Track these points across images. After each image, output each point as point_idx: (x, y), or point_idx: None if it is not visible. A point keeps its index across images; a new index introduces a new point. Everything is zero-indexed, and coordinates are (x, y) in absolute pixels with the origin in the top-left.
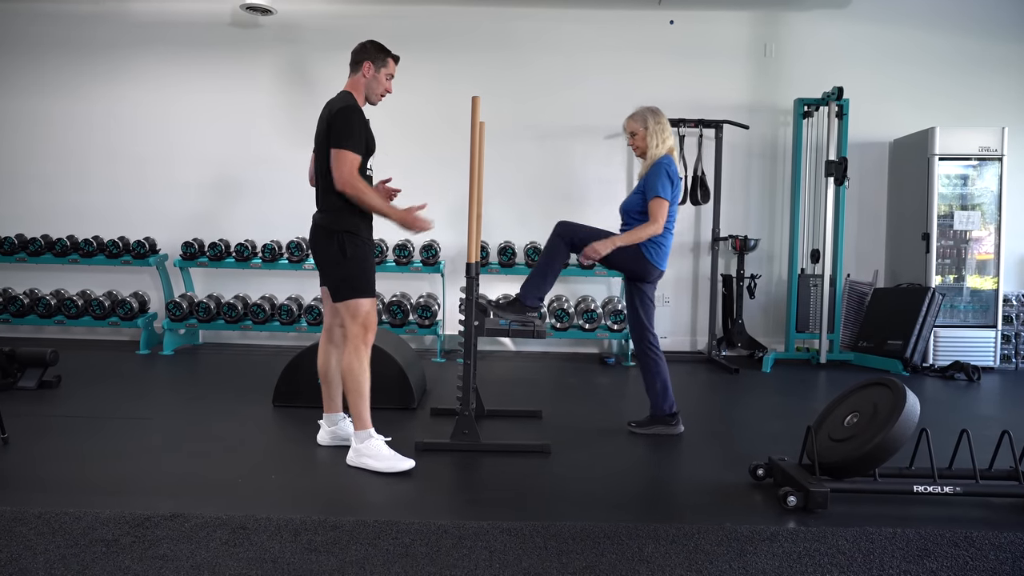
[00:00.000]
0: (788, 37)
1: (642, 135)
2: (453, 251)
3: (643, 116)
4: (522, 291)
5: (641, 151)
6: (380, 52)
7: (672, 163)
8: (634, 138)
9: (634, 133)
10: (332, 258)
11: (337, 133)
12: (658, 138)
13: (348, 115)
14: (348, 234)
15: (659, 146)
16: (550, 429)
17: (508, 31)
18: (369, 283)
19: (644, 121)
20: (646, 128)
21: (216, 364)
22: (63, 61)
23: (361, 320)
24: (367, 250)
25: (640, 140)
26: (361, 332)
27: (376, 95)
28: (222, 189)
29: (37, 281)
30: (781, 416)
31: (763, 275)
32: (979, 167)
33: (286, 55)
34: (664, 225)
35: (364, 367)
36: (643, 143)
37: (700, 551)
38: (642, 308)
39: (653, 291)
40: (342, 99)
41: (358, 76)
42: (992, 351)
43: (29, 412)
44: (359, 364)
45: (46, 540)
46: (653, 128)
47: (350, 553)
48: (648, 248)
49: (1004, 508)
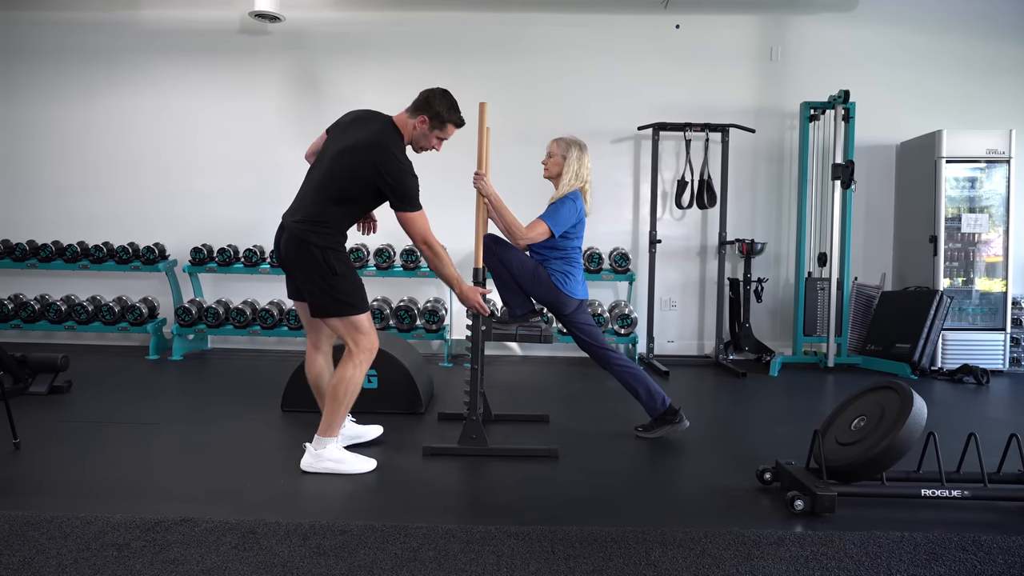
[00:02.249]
0: (794, 40)
1: (558, 161)
2: (460, 256)
3: (568, 145)
4: (508, 306)
5: (551, 175)
6: (445, 112)
7: (579, 201)
8: (550, 159)
9: (551, 155)
10: (319, 275)
11: (402, 196)
12: (572, 172)
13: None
14: (333, 251)
15: (571, 180)
16: (557, 433)
17: (513, 37)
18: (363, 297)
19: (567, 150)
20: (565, 157)
21: (225, 369)
22: (74, 69)
23: (365, 333)
24: (350, 264)
25: (554, 165)
26: (369, 346)
27: (420, 148)
28: (231, 195)
29: (48, 287)
30: (788, 420)
31: (770, 279)
32: (987, 169)
33: (294, 62)
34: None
35: (360, 381)
36: (556, 168)
37: (707, 555)
38: (585, 335)
39: (585, 315)
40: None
41: (411, 120)
42: (1001, 354)
43: (40, 417)
44: (359, 377)
45: (58, 544)
46: (573, 161)
47: (359, 557)
48: (557, 278)
49: (1013, 512)
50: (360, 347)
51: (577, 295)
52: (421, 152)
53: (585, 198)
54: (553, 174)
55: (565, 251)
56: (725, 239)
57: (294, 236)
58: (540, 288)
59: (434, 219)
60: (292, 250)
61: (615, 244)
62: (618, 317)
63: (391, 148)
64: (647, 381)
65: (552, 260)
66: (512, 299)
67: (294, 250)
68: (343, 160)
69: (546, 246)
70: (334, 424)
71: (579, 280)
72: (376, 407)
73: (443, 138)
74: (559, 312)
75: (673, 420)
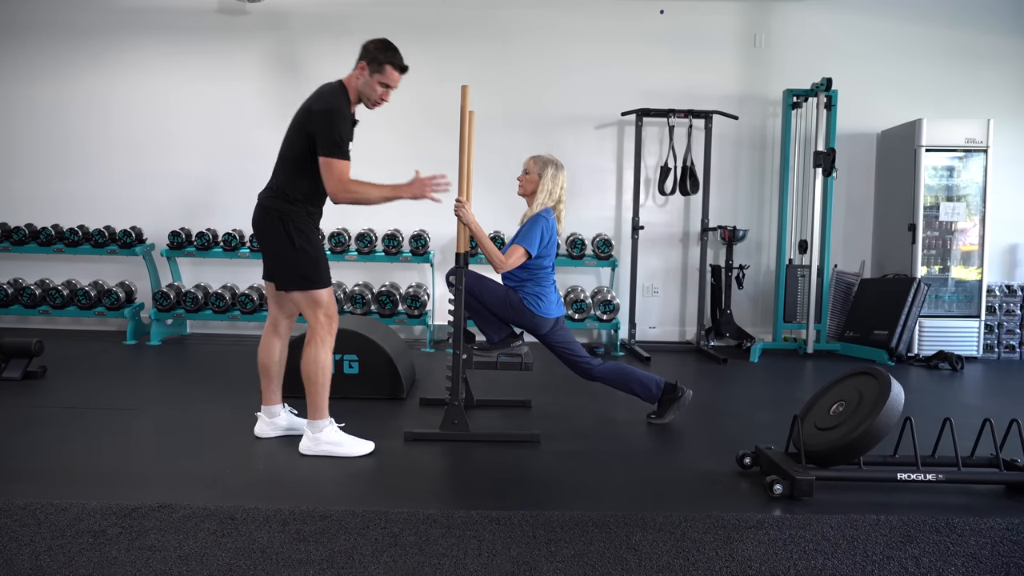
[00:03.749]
0: (778, 27)
1: (534, 179)
2: (443, 241)
3: (545, 164)
4: (488, 338)
5: (525, 191)
6: (381, 54)
7: (551, 219)
8: (526, 176)
9: (527, 172)
10: (280, 248)
11: (324, 139)
12: (546, 191)
13: (331, 119)
14: (294, 223)
15: (546, 199)
16: (539, 419)
17: (497, 20)
18: (324, 272)
19: (543, 168)
20: (540, 176)
21: (204, 354)
22: (47, 46)
23: (324, 310)
24: (316, 239)
25: (529, 182)
26: (326, 322)
27: (370, 101)
28: (209, 178)
29: (21, 271)
30: (768, 406)
31: (751, 265)
32: (965, 158)
33: (273, 42)
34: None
35: (329, 358)
36: (531, 186)
37: (687, 539)
38: (565, 350)
39: (562, 332)
40: (330, 96)
41: (352, 75)
42: (976, 341)
43: (14, 403)
44: (325, 355)
45: (31, 531)
46: (548, 180)
47: (339, 542)
48: (529, 301)
49: (985, 494)
50: (319, 322)
51: (551, 315)
52: (374, 107)
53: (559, 217)
54: (528, 191)
55: (535, 272)
56: (707, 226)
57: (259, 206)
58: (513, 313)
59: (417, 203)
60: (257, 220)
61: (598, 230)
62: (600, 303)
63: (324, 92)
64: (634, 374)
65: (524, 283)
66: (488, 327)
67: (259, 220)
68: (292, 122)
69: (517, 268)
70: (320, 406)
71: (552, 300)
72: (358, 392)
73: (387, 84)
74: (535, 333)
75: (676, 396)
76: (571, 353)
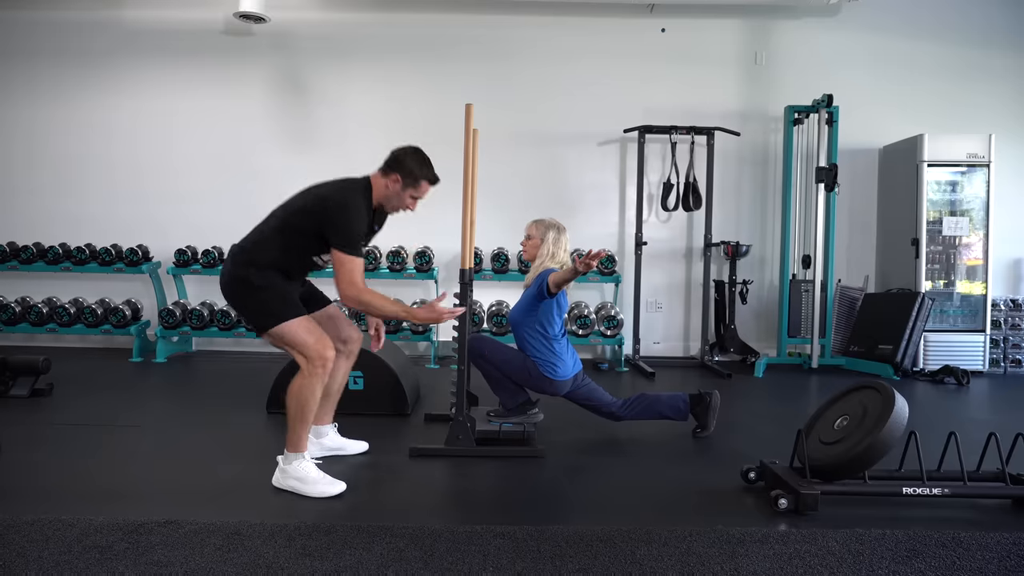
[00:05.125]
0: (779, 45)
1: (536, 244)
2: (447, 257)
3: (546, 228)
4: (505, 402)
5: (530, 256)
6: (418, 170)
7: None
8: (528, 241)
9: (530, 237)
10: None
11: (341, 234)
12: (548, 253)
13: (350, 215)
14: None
15: (548, 260)
16: (543, 434)
17: (501, 40)
18: (289, 305)
19: (545, 233)
20: (543, 240)
21: (210, 371)
22: (57, 69)
23: (302, 341)
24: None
25: (532, 247)
26: (315, 353)
27: (392, 208)
28: (216, 197)
29: (29, 289)
30: (773, 420)
31: (755, 281)
32: (967, 173)
33: (279, 64)
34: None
35: (311, 392)
36: (534, 251)
37: (692, 553)
38: (589, 404)
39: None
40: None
41: (383, 180)
42: (981, 355)
43: (21, 420)
44: (308, 389)
45: (39, 547)
46: (550, 243)
47: (344, 558)
48: (546, 369)
49: (991, 509)
50: (306, 356)
51: (568, 375)
52: (394, 212)
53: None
54: (531, 256)
55: (550, 338)
56: (710, 241)
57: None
58: (532, 381)
59: (420, 219)
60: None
61: (601, 246)
62: (604, 319)
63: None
64: (658, 400)
65: (540, 351)
66: (503, 394)
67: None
68: (297, 199)
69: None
70: (293, 439)
71: (567, 361)
72: (363, 408)
73: (417, 197)
74: (556, 394)
75: (707, 404)
76: (596, 404)
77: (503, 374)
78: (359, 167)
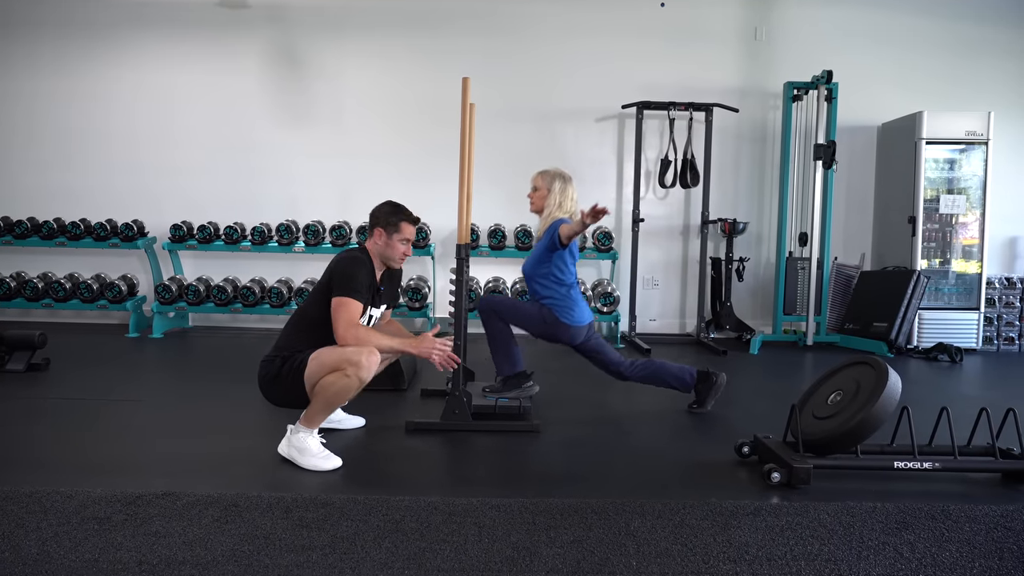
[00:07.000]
0: (779, 20)
1: (543, 194)
2: (443, 233)
3: (552, 178)
4: (499, 370)
5: (537, 208)
6: (393, 216)
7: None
8: (535, 193)
9: (536, 188)
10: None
11: (342, 282)
12: (555, 203)
13: (354, 266)
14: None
15: (554, 212)
16: (539, 409)
17: (498, 15)
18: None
19: (551, 183)
20: (549, 190)
21: (206, 347)
22: (48, 41)
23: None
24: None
25: (539, 198)
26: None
27: (393, 261)
28: (213, 172)
29: (24, 264)
30: (767, 396)
31: (751, 258)
32: (966, 151)
33: (274, 36)
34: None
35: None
36: (541, 202)
37: (685, 525)
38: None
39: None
40: (355, 253)
41: (371, 242)
42: (975, 333)
43: (18, 395)
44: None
45: (38, 518)
46: (557, 193)
47: (341, 528)
48: (563, 315)
49: (981, 483)
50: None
51: (584, 322)
52: (396, 264)
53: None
54: (539, 208)
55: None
56: (708, 218)
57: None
58: (549, 329)
59: (416, 195)
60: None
61: (598, 223)
62: (601, 295)
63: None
64: (667, 369)
65: (555, 298)
66: (501, 360)
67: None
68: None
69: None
70: (311, 417)
71: (583, 307)
72: None
73: (405, 239)
74: (571, 345)
75: (712, 383)
76: (604, 358)
77: (526, 330)
78: (355, 143)
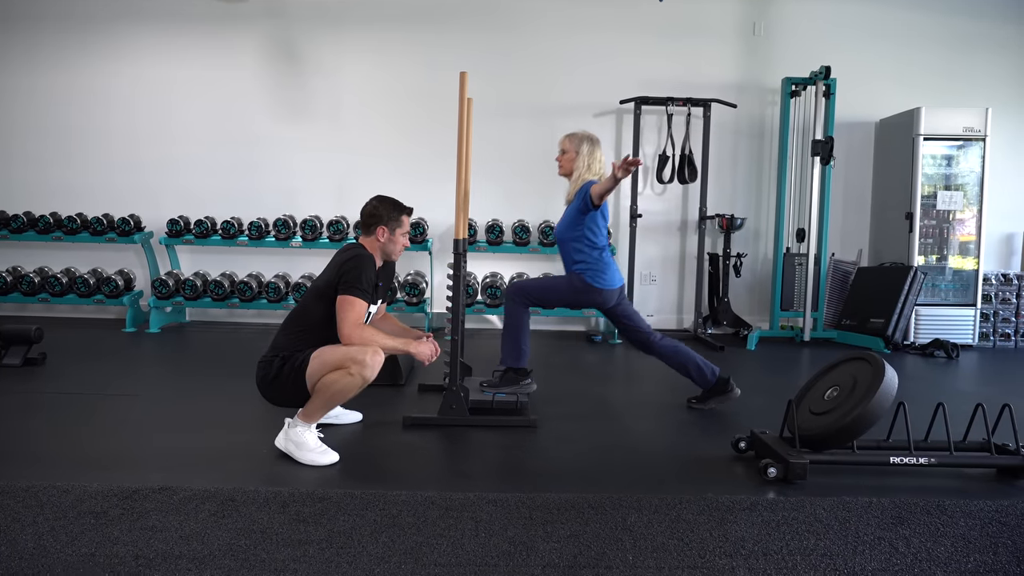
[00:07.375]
0: (777, 16)
1: (571, 157)
2: (441, 229)
3: (580, 140)
4: (505, 359)
5: (566, 171)
6: (394, 212)
7: None
8: (563, 155)
9: (564, 151)
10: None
11: (348, 280)
12: (584, 165)
13: (360, 264)
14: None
15: (583, 174)
16: (536, 405)
17: (495, 8)
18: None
19: (579, 145)
20: (578, 152)
21: (203, 342)
22: (45, 35)
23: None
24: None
25: (568, 160)
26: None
27: (395, 254)
28: (208, 166)
29: (20, 259)
30: (764, 392)
31: (749, 254)
32: (963, 147)
33: (272, 31)
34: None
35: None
36: (570, 165)
37: (682, 520)
38: (628, 322)
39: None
40: (357, 251)
41: (372, 239)
42: (971, 329)
43: (14, 389)
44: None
45: (34, 513)
46: (585, 155)
47: (338, 523)
48: (595, 279)
49: (976, 478)
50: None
51: (616, 285)
52: (394, 258)
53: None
54: (568, 171)
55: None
56: (705, 214)
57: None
58: (583, 297)
59: (413, 191)
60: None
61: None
62: None
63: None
64: (695, 357)
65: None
66: (508, 349)
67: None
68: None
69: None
70: (310, 413)
71: (614, 269)
72: None
73: (405, 232)
74: (603, 308)
75: (725, 390)
76: (633, 325)
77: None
78: (353, 138)
